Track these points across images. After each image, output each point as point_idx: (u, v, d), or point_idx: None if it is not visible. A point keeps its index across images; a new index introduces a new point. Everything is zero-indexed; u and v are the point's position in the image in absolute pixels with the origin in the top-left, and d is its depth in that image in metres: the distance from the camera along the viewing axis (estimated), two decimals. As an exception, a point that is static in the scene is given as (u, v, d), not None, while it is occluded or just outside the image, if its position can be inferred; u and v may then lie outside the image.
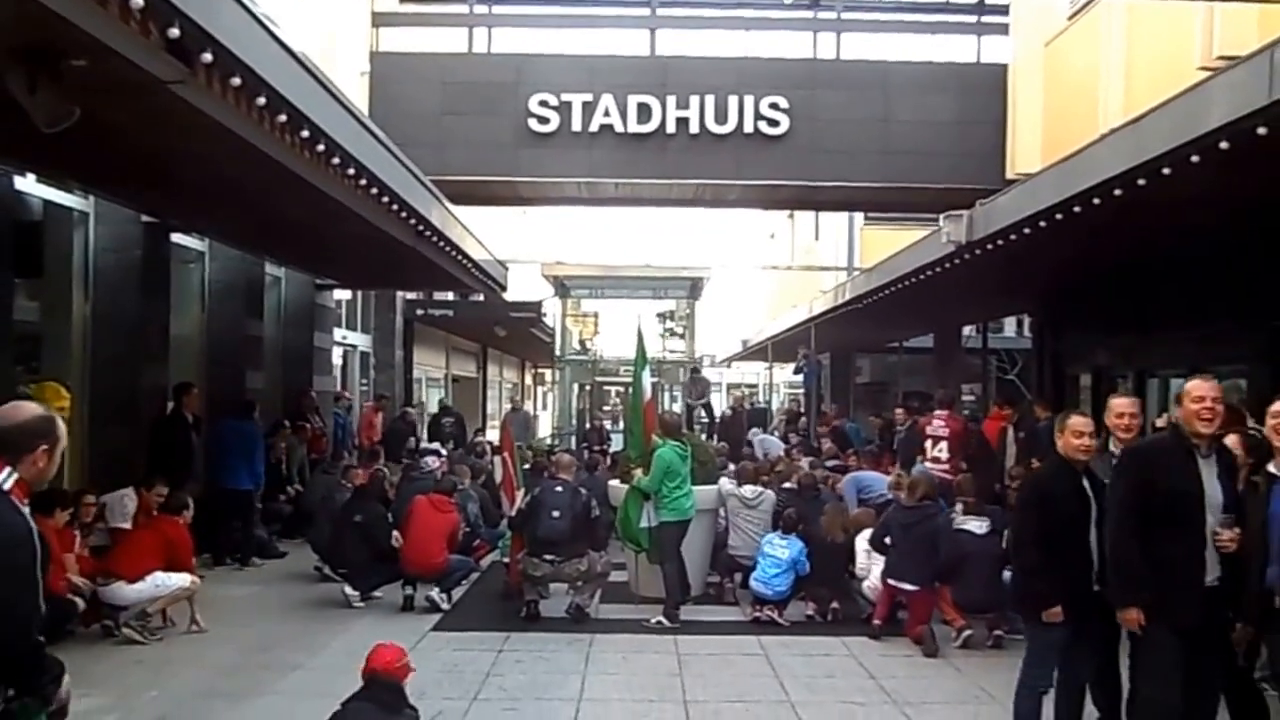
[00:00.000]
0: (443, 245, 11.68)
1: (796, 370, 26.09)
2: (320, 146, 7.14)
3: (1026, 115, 14.75)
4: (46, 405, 3.77)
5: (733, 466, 12.45)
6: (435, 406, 22.41)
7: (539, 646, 8.46)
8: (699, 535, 10.18)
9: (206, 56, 5.33)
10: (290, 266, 14.89)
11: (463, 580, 10.17)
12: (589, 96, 15.20)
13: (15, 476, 3.38)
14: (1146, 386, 11.83)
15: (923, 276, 12.62)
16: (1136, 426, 6.08)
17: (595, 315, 29.39)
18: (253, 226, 11.03)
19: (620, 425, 21.33)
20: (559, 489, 9.62)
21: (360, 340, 19.67)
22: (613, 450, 17.15)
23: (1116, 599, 5.27)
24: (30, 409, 3.60)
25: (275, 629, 8.95)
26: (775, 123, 15.25)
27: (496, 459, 13.13)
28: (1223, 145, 6.29)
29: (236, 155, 6.85)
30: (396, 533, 9.90)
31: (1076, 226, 8.66)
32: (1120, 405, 6.18)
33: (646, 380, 10.50)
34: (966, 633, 8.47)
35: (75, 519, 8.41)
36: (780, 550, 9.43)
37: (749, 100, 15.24)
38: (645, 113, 15.19)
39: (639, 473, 9.73)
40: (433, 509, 9.98)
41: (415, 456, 15.19)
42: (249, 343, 13.72)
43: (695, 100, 15.21)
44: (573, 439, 21.83)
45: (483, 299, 21.20)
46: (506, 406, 29.69)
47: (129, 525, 9.18)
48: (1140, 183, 7.30)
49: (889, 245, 16.56)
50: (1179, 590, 5.10)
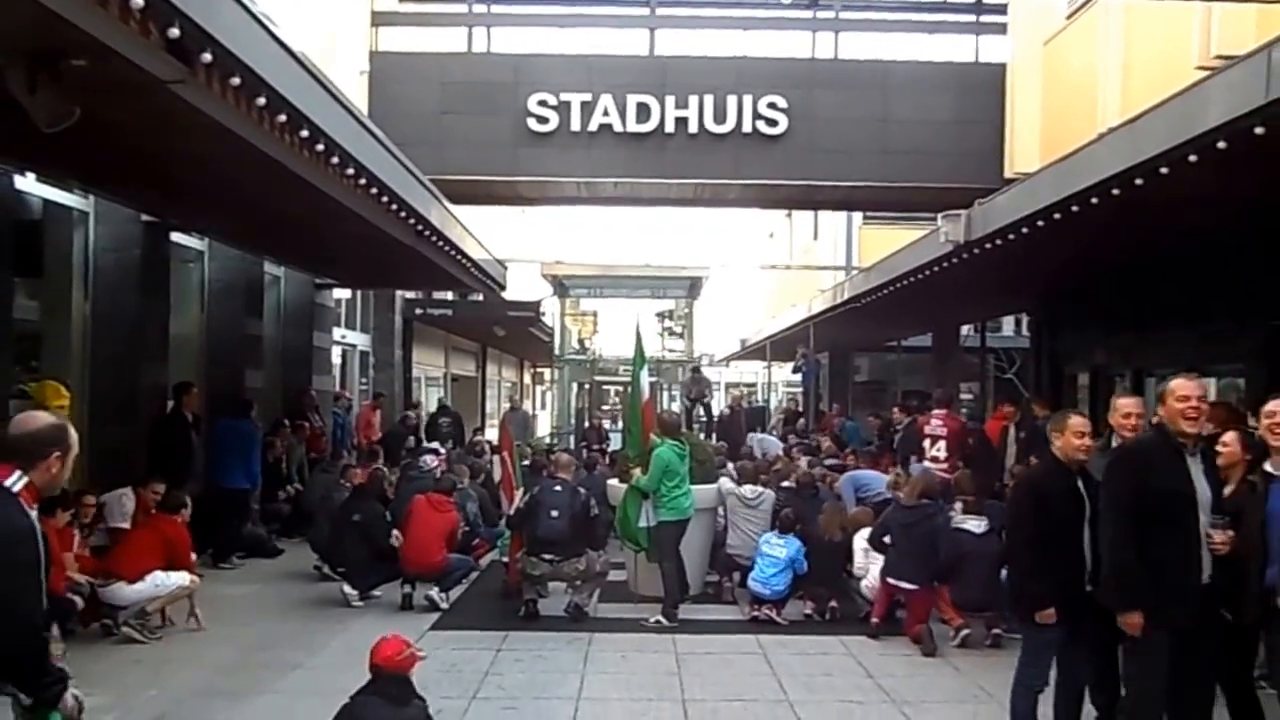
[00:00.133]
0: (442, 245, 11.68)
1: (795, 369, 26.10)
2: (320, 146, 7.14)
3: (1025, 115, 14.76)
4: (60, 415, 3.81)
5: (731, 465, 12.46)
6: (435, 406, 22.39)
7: (538, 645, 8.47)
8: (697, 534, 10.19)
9: (206, 56, 5.33)
10: (290, 266, 14.90)
11: (462, 579, 10.17)
12: (588, 96, 15.22)
13: (25, 480, 3.47)
14: (1144, 386, 11.83)
15: (921, 276, 12.61)
16: (1142, 426, 6.06)
17: (594, 315, 29.38)
18: (252, 226, 11.04)
19: (619, 424, 21.31)
20: (558, 488, 9.62)
21: (359, 339, 19.66)
22: (611, 449, 17.15)
23: (1117, 602, 5.17)
24: (43, 418, 3.69)
25: (274, 628, 8.96)
26: (774, 122, 15.27)
27: (495, 458, 13.15)
28: (1220, 145, 6.28)
29: (236, 155, 6.85)
30: (396, 531, 9.92)
31: (1075, 226, 8.66)
32: (1126, 405, 6.18)
33: (645, 380, 10.52)
34: (965, 632, 8.49)
35: (75, 519, 8.43)
36: (777, 550, 9.44)
37: (748, 100, 15.26)
38: (644, 112, 15.21)
39: (638, 472, 9.75)
40: (432, 509, 9.99)
41: (414, 455, 15.18)
42: (248, 342, 13.72)
43: (694, 100, 15.23)
44: (571, 438, 21.81)
45: (482, 298, 21.20)
46: (505, 406, 29.69)
47: (128, 525, 9.19)
48: (1138, 182, 7.29)
49: (887, 245, 16.55)
50: (1175, 591, 5.07)
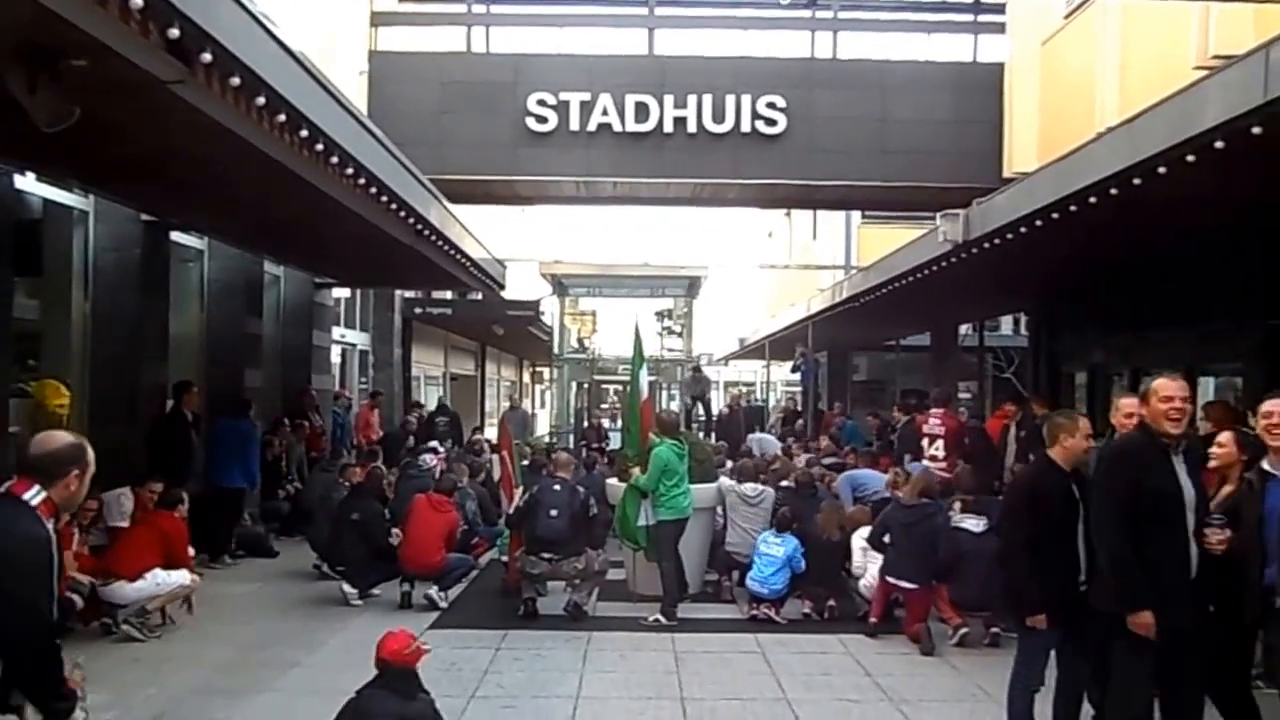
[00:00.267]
0: (441, 244, 11.69)
1: (794, 369, 26.10)
2: (319, 146, 7.15)
3: (1023, 114, 14.77)
4: (78, 435, 3.86)
5: (730, 464, 12.47)
6: (434, 405, 22.40)
7: (537, 644, 8.48)
8: (696, 533, 10.21)
9: (206, 56, 5.33)
10: (289, 265, 14.92)
11: (461, 578, 10.18)
12: (587, 96, 15.23)
13: (44, 495, 3.55)
14: (1142, 385, 11.83)
15: (919, 275, 12.63)
16: None
17: (593, 314, 29.37)
18: (252, 225, 11.05)
19: (618, 423, 21.32)
20: (557, 487, 9.63)
21: (359, 339, 19.68)
22: (611, 448, 17.14)
23: (1124, 604, 5.08)
24: (62, 437, 3.75)
25: (273, 626, 8.97)
26: (773, 122, 15.28)
27: (494, 457, 13.16)
28: (1218, 144, 6.30)
29: (236, 154, 6.86)
30: (396, 530, 9.93)
31: (1073, 226, 8.68)
32: (1129, 404, 6.19)
33: (644, 379, 10.53)
34: (963, 631, 8.50)
35: (75, 519, 8.42)
36: (775, 549, 9.45)
37: (746, 100, 15.27)
38: (643, 112, 15.22)
39: (637, 471, 9.76)
40: (431, 508, 9.99)
41: (413, 454, 15.19)
42: (248, 341, 13.74)
43: (693, 99, 15.24)
44: (570, 437, 21.81)
45: (481, 298, 21.21)
46: (505, 405, 29.70)
47: (127, 523, 9.18)
48: (1136, 182, 7.30)
49: (886, 244, 16.58)
50: (1170, 591, 5.04)
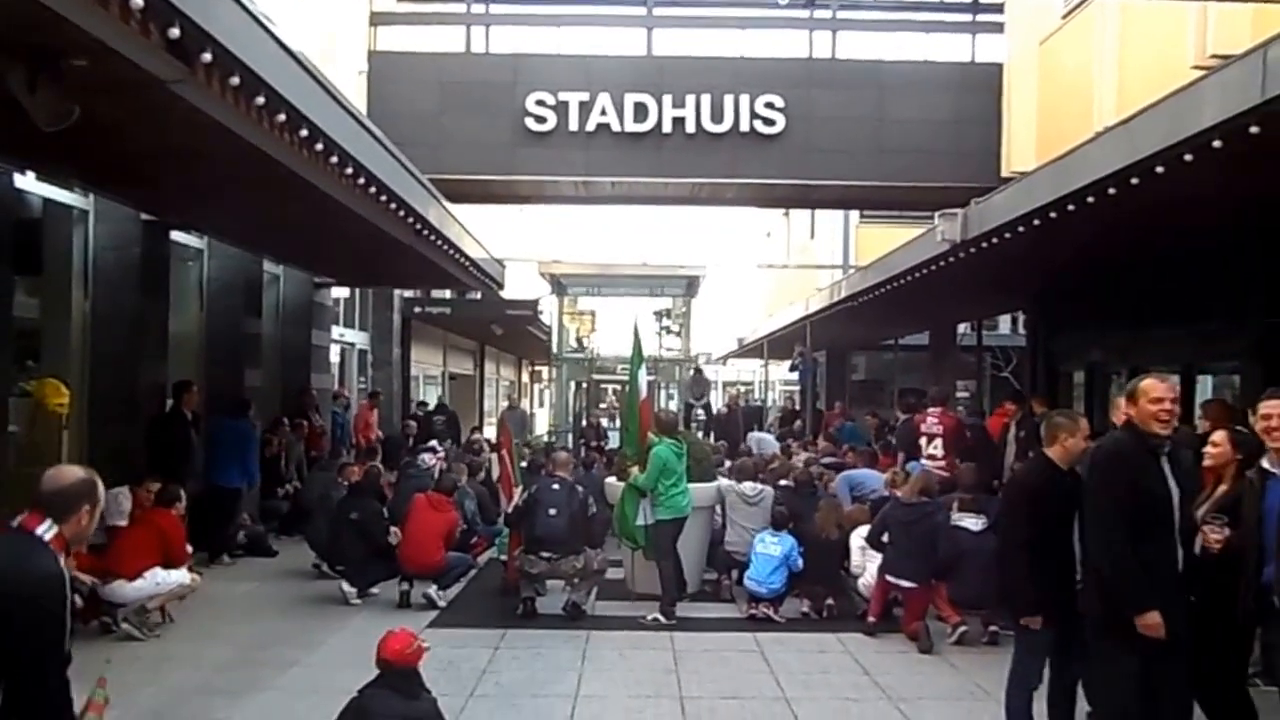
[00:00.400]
0: (440, 243, 11.69)
1: (792, 368, 26.11)
2: (319, 145, 7.14)
3: (1021, 114, 14.78)
4: (89, 470, 3.87)
5: (728, 464, 12.49)
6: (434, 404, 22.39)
7: (535, 643, 8.50)
8: (695, 532, 10.22)
9: (206, 56, 5.33)
10: (289, 264, 14.91)
11: (460, 577, 10.19)
12: (586, 96, 15.22)
13: (55, 530, 3.55)
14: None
15: (918, 275, 12.64)
16: None
17: (592, 313, 29.30)
18: (252, 225, 11.07)
19: (616, 423, 21.33)
20: (556, 487, 9.64)
21: (358, 338, 19.68)
22: (609, 447, 17.14)
23: (1130, 606, 4.96)
24: (73, 473, 3.74)
25: (273, 626, 8.99)
26: (771, 122, 15.28)
27: (494, 456, 13.18)
28: (1216, 144, 6.29)
29: (235, 154, 6.85)
30: (395, 529, 9.94)
31: (1071, 225, 8.68)
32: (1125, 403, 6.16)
33: (643, 378, 10.55)
34: (962, 629, 8.52)
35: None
36: (772, 548, 9.47)
37: (744, 99, 15.27)
38: (641, 112, 15.22)
39: (635, 470, 9.78)
40: (431, 508, 10.00)
41: (412, 454, 15.19)
42: (247, 340, 13.74)
43: (691, 99, 15.24)
44: (569, 436, 21.81)
45: (480, 297, 21.20)
46: (503, 404, 29.69)
47: (125, 522, 9.17)
48: (1134, 181, 7.31)
49: (884, 243, 16.57)
50: (1163, 593, 4.99)
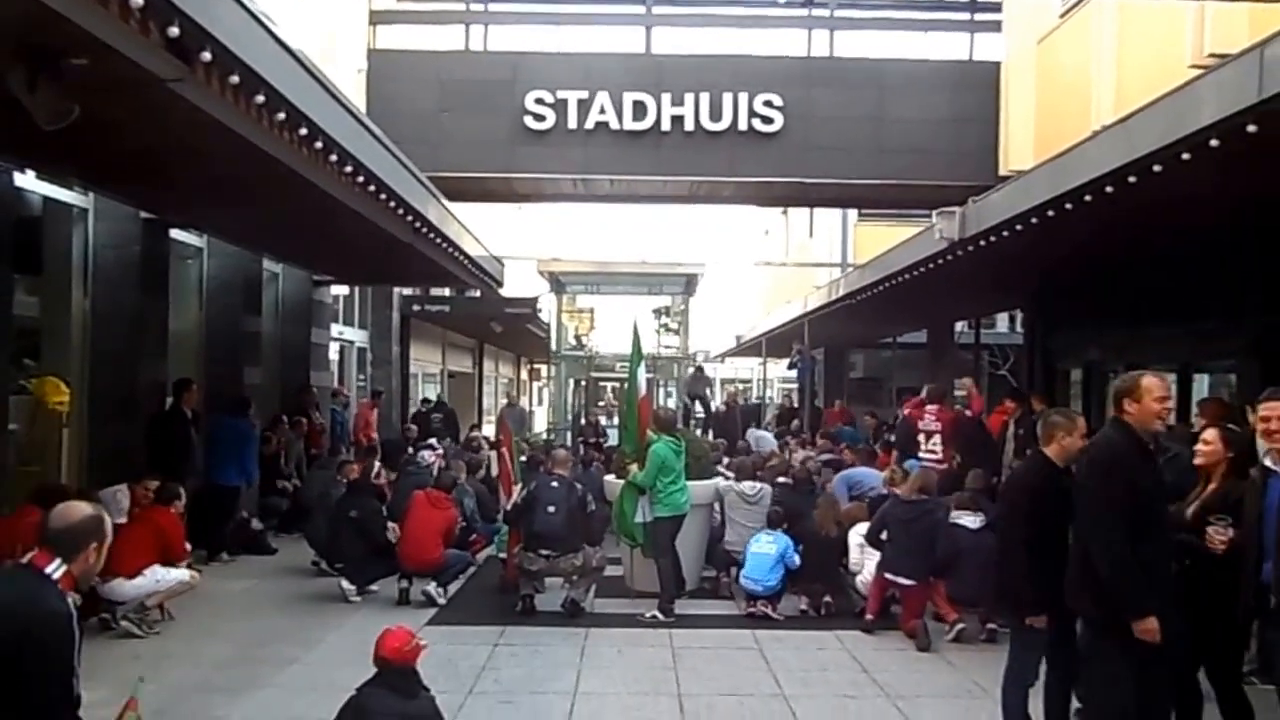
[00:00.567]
0: (439, 242, 11.70)
1: (790, 366, 26.11)
2: (318, 144, 7.15)
3: (1019, 113, 14.81)
4: (96, 506, 3.86)
5: (726, 461, 12.49)
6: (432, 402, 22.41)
7: (534, 640, 8.52)
8: (694, 530, 10.24)
9: (205, 55, 5.35)
10: (288, 262, 14.93)
11: (459, 574, 10.20)
12: (584, 94, 15.25)
13: (64, 568, 3.56)
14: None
15: (916, 273, 12.65)
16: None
17: (591, 311, 29.32)
18: (251, 223, 11.08)
19: (615, 420, 21.36)
20: (555, 484, 9.65)
21: (357, 336, 19.69)
22: (607, 445, 17.15)
23: (1131, 610, 4.90)
24: (81, 510, 3.74)
25: (272, 623, 9.00)
26: (769, 120, 15.30)
27: (493, 453, 13.19)
28: (1213, 143, 6.30)
29: (235, 152, 6.87)
30: (393, 525, 9.96)
31: (1068, 223, 8.69)
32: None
33: (642, 376, 10.56)
34: (959, 626, 8.55)
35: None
36: (768, 547, 9.48)
37: (743, 98, 15.30)
38: (640, 110, 15.24)
39: (634, 468, 9.79)
40: (430, 505, 10.02)
41: (412, 450, 15.20)
42: (247, 338, 13.76)
43: (690, 98, 15.26)
44: (568, 434, 21.84)
45: (479, 295, 21.19)
46: (502, 402, 29.71)
47: (125, 520, 9.17)
48: (1131, 180, 7.32)
49: (882, 241, 16.59)
50: (1161, 593, 4.97)
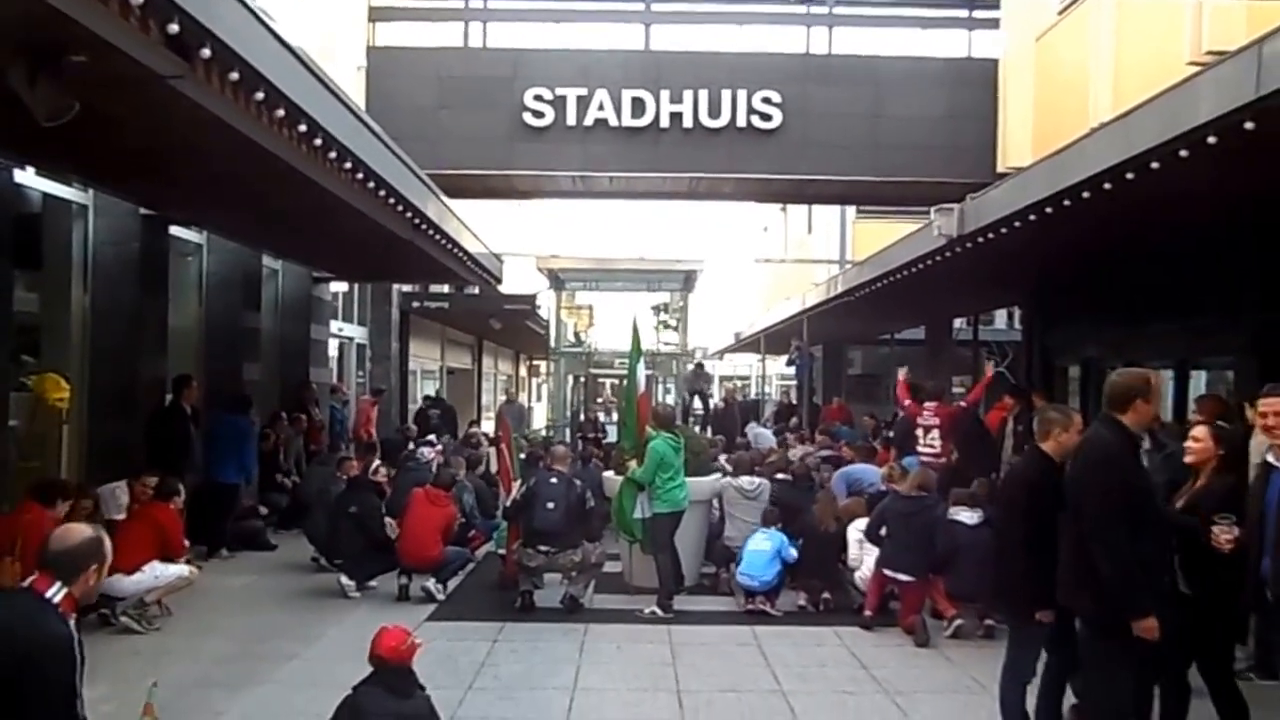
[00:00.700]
0: (439, 238, 11.71)
1: (789, 362, 26.10)
2: (318, 141, 7.16)
3: (1017, 110, 14.81)
4: (95, 528, 3.86)
5: (725, 458, 12.50)
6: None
7: (533, 636, 8.55)
8: (693, 526, 10.26)
9: (205, 52, 5.36)
10: (287, 259, 14.94)
11: (458, 571, 10.24)
12: (583, 91, 15.25)
13: (65, 591, 3.57)
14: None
15: (914, 269, 12.64)
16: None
17: (590, 308, 29.29)
18: (250, 220, 11.07)
19: (613, 417, 21.35)
20: (554, 480, 9.68)
21: (356, 332, 19.70)
22: (606, 441, 17.16)
23: (1133, 610, 4.88)
24: (80, 533, 3.75)
25: (272, 619, 9.02)
26: (768, 117, 15.31)
27: (492, 450, 13.19)
28: (1210, 140, 6.29)
29: (235, 149, 6.88)
30: (392, 520, 9.98)
31: (1066, 220, 8.69)
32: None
33: (641, 373, 10.58)
34: (958, 622, 8.56)
35: (71, 518, 8.36)
36: (763, 544, 9.51)
37: (742, 95, 15.30)
38: (639, 107, 15.24)
39: (633, 464, 9.81)
40: (429, 502, 10.05)
41: (411, 447, 15.20)
42: (246, 335, 13.78)
43: (689, 95, 15.26)
44: (567, 430, 21.84)
45: (478, 291, 21.23)
46: (501, 398, 29.72)
47: (124, 516, 9.19)
48: (1129, 177, 7.31)
49: (881, 238, 16.59)
50: (1158, 590, 5.00)
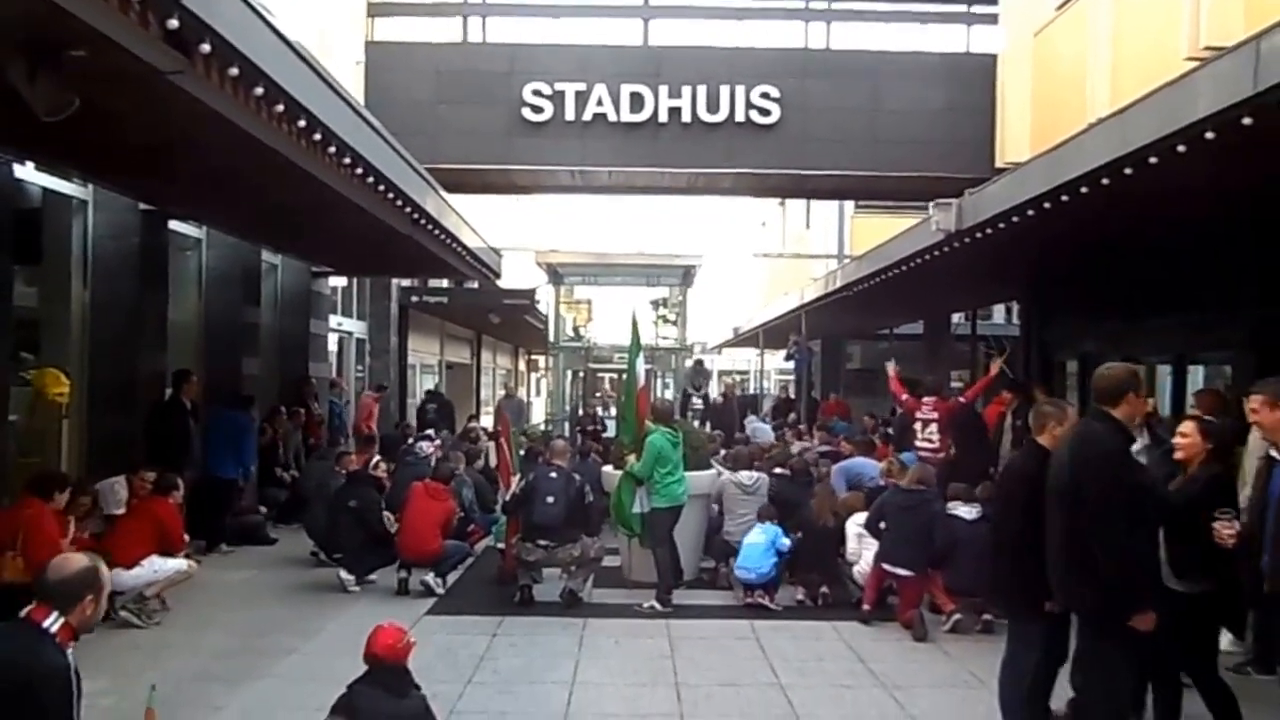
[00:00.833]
0: (438, 233, 11.72)
1: (788, 357, 26.09)
2: (317, 136, 7.17)
3: (1015, 105, 14.80)
4: (92, 556, 3.84)
5: (723, 453, 12.52)
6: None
7: (532, 630, 8.57)
8: (691, 520, 10.27)
9: (205, 47, 5.36)
10: (286, 254, 14.95)
11: (458, 565, 10.26)
12: (582, 86, 15.23)
13: (62, 621, 3.55)
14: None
15: (912, 264, 12.64)
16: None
17: (588, 302, 29.29)
18: (250, 214, 11.08)
19: (612, 411, 21.35)
20: (553, 475, 9.68)
21: (355, 327, 19.71)
22: (605, 436, 17.18)
23: (1135, 606, 4.91)
24: (77, 562, 3.74)
25: (271, 613, 9.04)
26: (766, 112, 15.30)
27: (491, 444, 13.21)
28: (1208, 135, 6.29)
29: (234, 144, 6.87)
30: (389, 514, 10.00)
31: (1064, 215, 8.70)
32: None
33: (640, 368, 10.59)
34: (955, 617, 8.59)
35: (70, 511, 8.34)
36: (758, 536, 9.54)
37: (740, 90, 15.28)
38: (638, 102, 15.22)
39: (632, 458, 9.83)
40: (428, 496, 10.06)
41: (410, 442, 15.23)
42: (246, 329, 13.79)
43: (687, 90, 15.25)
44: (566, 425, 21.86)
45: (477, 286, 21.24)
46: (500, 393, 29.75)
47: (123, 511, 9.17)
48: (1127, 172, 7.31)
49: (879, 233, 16.57)
50: (1152, 585, 5.03)
